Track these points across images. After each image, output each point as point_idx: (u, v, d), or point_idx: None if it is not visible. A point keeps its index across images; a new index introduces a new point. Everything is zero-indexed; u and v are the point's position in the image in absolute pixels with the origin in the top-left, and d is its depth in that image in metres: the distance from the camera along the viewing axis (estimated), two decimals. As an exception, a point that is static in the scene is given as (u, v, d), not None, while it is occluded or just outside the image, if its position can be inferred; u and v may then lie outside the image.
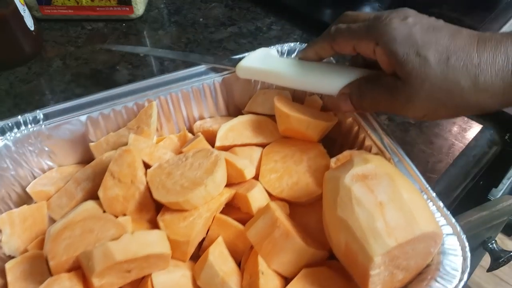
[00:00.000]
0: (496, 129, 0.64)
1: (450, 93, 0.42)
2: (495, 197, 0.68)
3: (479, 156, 0.61)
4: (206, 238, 0.48)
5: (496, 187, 0.69)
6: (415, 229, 0.38)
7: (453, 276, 0.40)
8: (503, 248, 0.74)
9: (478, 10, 0.80)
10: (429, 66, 0.42)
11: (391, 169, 0.43)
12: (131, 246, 0.40)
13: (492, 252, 0.74)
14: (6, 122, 0.52)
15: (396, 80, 0.44)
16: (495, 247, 0.74)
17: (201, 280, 0.44)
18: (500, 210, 0.64)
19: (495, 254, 0.74)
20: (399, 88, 0.44)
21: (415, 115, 0.46)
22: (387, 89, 0.45)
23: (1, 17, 0.70)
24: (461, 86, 0.42)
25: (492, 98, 0.42)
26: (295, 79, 0.52)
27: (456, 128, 0.64)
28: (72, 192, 0.51)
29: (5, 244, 0.48)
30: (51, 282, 0.41)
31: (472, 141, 0.62)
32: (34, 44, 0.77)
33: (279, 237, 0.44)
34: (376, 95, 0.47)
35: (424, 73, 0.42)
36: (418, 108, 0.44)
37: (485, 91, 0.42)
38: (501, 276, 1.49)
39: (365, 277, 0.39)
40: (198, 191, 0.45)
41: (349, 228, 0.39)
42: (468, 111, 0.45)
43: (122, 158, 0.48)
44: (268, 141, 0.55)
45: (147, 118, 0.54)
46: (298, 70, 0.51)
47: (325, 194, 0.44)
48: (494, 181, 0.70)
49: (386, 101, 0.46)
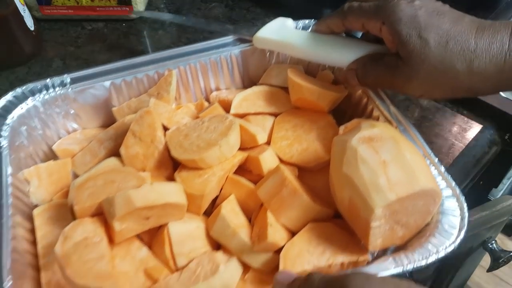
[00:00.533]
0: (496, 129, 0.64)
1: (446, 75, 0.45)
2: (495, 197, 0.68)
3: (479, 156, 0.61)
4: (219, 196, 0.51)
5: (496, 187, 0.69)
6: (415, 185, 0.40)
7: (451, 234, 0.43)
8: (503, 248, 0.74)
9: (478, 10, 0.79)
10: (429, 48, 0.44)
11: (396, 133, 0.46)
12: (150, 195, 0.44)
13: (492, 252, 0.74)
14: (35, 85, 0.56)
15: (398, 60, 0.47)
16: (495, 247, 0.74)
17: (213, 231, 0.47)
18: (500, 210, 0.65)
19: (495, 254, 0.74)
20: (400, 68, 0.47)
21: (413, 93, 0.48)
22: (389, 67, 0.48)
23: (1, 17, 0.69)
24: (456, 69, 0.44)
25: (484, 83, 0.45)
26: (308, 51, 0.54)
27: (456, 128, 0.64)
28: (95, 151, 0.54)
29: (33, 195, 0.51)
30: (75, 225, 0.44)
31: (472, 141, 0.63)
32: (34, 44, 0.77)
33: (287, 195, 0.46)
34: (379, 73, 0.49)
35: (424, 54, 0.45)
36: (416, 87, 0.47)
37: (478, 75, 0.44)
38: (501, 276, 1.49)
39: (366, 230, 0.42)
40: (212, 151, 0.48)
41: (353, 184, 0.42)
42: (461, 93, 0.47)
43: (143, 118, 0.51)
44: (280, 111, 0.58)
45: (167, 85, 0.57)
46: (311, 42, 0.54)
47: (333, 155, 0.47)
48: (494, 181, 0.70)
49: (388, 79, 0.49)
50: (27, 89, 0.55)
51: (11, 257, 0.43)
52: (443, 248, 0.41)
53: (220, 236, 0.46)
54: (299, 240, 0.45)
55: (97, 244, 0.43)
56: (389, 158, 0.42)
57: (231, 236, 0.46)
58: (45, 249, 0.47)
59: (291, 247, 0.45)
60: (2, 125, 0.52)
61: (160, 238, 0.47)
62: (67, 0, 0.79)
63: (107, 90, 0.58)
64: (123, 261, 0.46)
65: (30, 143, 0.55)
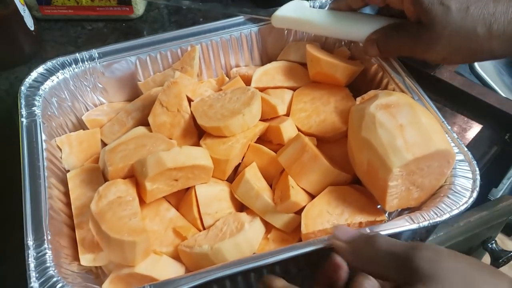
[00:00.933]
0: (496, 129, 0.64)
1: (467, 39, 0.47)
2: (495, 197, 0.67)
3: (479, 156, 0.61)
4: (242, 164, 0.54)
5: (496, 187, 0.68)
6: (431, 146, 0.43)
7: (464, 194, 0.45)
8: (503, 248, 0.74)
9: None
10: (450, 13, 0.47)
11: (412, 100, 0.48)
12: (180, 156, 0.46)
13: (492, 252, 0.74)
14: (65, 58, 0.59)
15: (420, 27, 0.50)
16: (495, 247, 0.74)
17: (238, 193, 0.50)
18: (500, 210, 0.65)
19: (495, 254, 0.74)
20: (422, 34, 0.49)
21: (435, 58, 0.51)
22: (411, 34, 0.51)
23: (1, 17, 0.69)
24: (477, 33, 0.47)
25: (503, 45, 0.48)
26: (326, 27, 0.57)
27: (456, 128, 0.64)
28: (123, 121, 0.57)
29: (65, 161, 0.54)
30: (109, 185, 0.47)
31: (472, 141, 0.63)
32: (34, 44, 0.76)
33: (308, 160, 0.49)
34: (401, 39, 0.52)
35: (446, 20, 0.47)
36: (438, 51, 0.50)
37: (497, 38, 0.47)
38: None
39: (384, 190, 0.44)
40: (236, 119, 0.51)
41: (371, 147, 0.44)
42: (481, 57, 0.50)
43: (170, 89, 0.54)
44: (299, 85, 0.60)
45: (191, 60, 0.60)
46: (329, 18, 0.57)
47: (351, 123, 0.49)
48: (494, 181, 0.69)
49: (409, 45, 0.51)
50: (58, 62, 0.58)
51: (48, 214, 0.46)
52: (456, 207, 0.44)
53: (245, 198, 0.49)
54: (319, 201, 0.48)
55: (130, 202, 0.46)
56: (405, 122, 0.44)
57: (255, 197, 0.48)
58: (79, 209, 0.50)
59: (311, 208, 0.47)
60: (35, 95, 0.55)
61: (188, 199, 0.50)
62: (67, 0, 0.78)
63: (133, 65, 0.61)
64: (153, 221, 0.49)
65: (60, 114, 0.58)
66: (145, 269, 0.45)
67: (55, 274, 0.41)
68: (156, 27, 0.83)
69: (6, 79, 0.74)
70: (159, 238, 0.48)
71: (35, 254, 0.42)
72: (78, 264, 0.46)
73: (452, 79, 0.66)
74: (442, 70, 0.66)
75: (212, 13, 0.83)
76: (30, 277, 0.41)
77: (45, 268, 0.41)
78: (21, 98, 0.54)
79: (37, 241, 0.43)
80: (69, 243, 0.48)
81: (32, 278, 0.41)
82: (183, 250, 0.46)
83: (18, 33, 0.73)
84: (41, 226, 0.44)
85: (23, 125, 0.52)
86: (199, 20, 0.82)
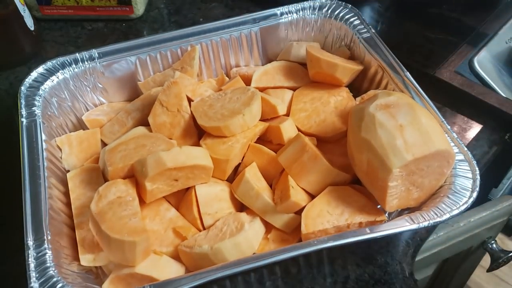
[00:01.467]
0: (496, 129, 0.64)
1: None
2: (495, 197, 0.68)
3: (479, 156, 0.61)
4: (242, 164, 0.54)
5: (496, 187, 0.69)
6: (431, 147, 0.43)
7: (464, 194, 0.45)
8: (503, 248, 0.74)
9: (478, 10, 0.80)
10: None
11: (412, 100, 0.48)
12: (180, 156, 0.46)
13: (492, 252, 0.74)
14: (65, 58, 0.59)
15: None
16: (495, 247, 0.74)
17: (238, 193, 0.50)
18: (500, 210, 0.66)
19: (495, 254, 0.74)
20: None
21: None
22: None
23: (1, 17, 0.69)
24: None
25: None
26: None
27: (456, 128, 0.64)
28: (123, 121, 0.57)
29: (65, 161, 0.54)
30: (109, 185, 0.47)
31: (472, 141, 0.63)
32: (34, 44, 0.76)
33: (308, 160, 0.49)
34: None
35: None
36: None
37: None
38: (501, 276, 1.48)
39: (383, 190, 0.44)
40: (236, 119, 0.51)
41: (371, 147, 0.44)
42: None
43: (170, 89, 0.54)
44: (298, 85, 0.60)
45: (190, 60, 0.60)
46: None
47: (351, 123, 0.49)
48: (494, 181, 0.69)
49: None
50: (58, 62, 0.58)
51: (48, 214, 0.46)
52: (456, 207, 0.44)
53: (245, 198, 0.49)
54: (319, 201, 0.48)
55: (130, 202, 0.46)
56: (405, 122, 0.44)
57: (255, 197, 0.48)
58: (79, 209, 0.50)
59: (311, 208, 0.47)
60: (35, 95, 0.55)
61: (188, 199, 0.50)
62: (67, 0, 0.78)
63: (133, 65, 0.61)
64: (153, 221, 0.49)
65: (60, 114, 0.58)
66: (145, 269, 0.45)
67: (55, 274, 0.41)
68: (156, 27, 0.82)
69: (6, 79, 0.74)
70: (159, 238, 0.48)
71: (35, 254, 0.42)
72: (78, 264, 0.46)
73: (452, 79, 0.66)
74: (442, 70, 0.66)
75: (212, 13, 0.83)
76: (30, 277, 0.41)
77: (45, 268, 0.42)
78: (21, 98, 0.54)
79: (37, 241, 0.43)
80: (69, 243, 0.48)
81: (32, 278, 0.41)
82: (183, 250, 0.46)
83: (18, 33, 0.73)
84: (41, 226, 0.44)
85: (23, 125, 0.52)
86: (199, 20, 0.82)
